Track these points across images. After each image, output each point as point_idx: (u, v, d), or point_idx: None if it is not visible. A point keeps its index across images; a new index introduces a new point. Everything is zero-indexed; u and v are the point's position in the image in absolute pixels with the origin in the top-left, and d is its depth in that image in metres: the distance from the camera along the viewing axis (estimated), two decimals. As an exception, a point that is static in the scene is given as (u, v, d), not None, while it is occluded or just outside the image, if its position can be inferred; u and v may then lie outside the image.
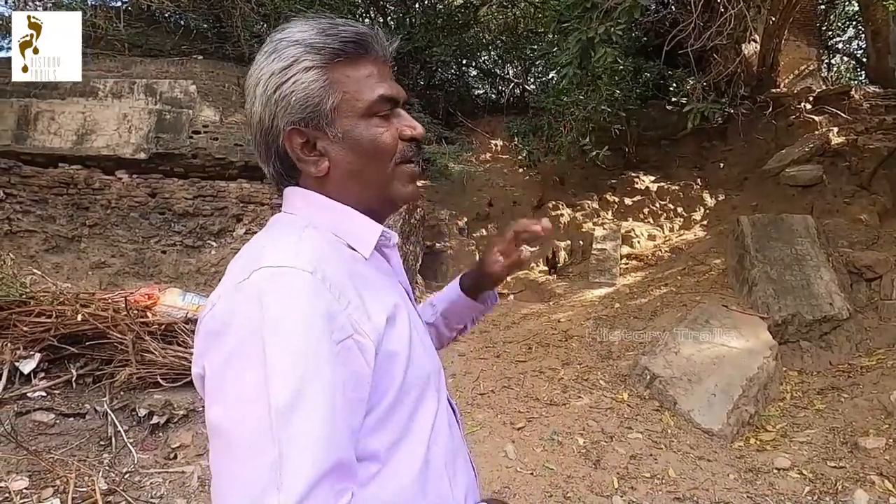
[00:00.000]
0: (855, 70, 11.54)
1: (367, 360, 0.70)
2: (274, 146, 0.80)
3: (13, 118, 6.61)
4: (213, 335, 0.66)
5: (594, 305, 5.52)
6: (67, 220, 6.71)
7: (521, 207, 8.07)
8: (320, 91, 0.77)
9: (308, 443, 0.60)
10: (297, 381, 0.61)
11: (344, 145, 0.79)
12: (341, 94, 0.78)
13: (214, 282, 6.85)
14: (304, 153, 0.79)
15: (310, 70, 0.77)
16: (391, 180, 0.83)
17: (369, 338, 0.70)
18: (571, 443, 3.27)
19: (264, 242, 0.74)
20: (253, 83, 0.80)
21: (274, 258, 0.68)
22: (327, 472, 0.61)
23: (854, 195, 5.89)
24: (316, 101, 0.77)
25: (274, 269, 0.67)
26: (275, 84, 0.77)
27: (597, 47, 4.88)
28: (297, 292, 0.66)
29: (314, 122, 0.78)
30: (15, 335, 3.58)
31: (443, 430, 0.82)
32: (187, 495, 2.86)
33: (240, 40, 7.63)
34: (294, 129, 0.78)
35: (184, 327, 3.99)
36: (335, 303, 0.68)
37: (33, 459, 2.95)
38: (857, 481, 2.84)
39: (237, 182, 7.21)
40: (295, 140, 0.79)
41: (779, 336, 4.16)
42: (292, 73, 0.77)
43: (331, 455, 0.62)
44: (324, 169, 0.80)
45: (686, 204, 7.17)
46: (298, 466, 0.59)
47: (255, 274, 0.67)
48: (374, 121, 0.80)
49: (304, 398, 0.61)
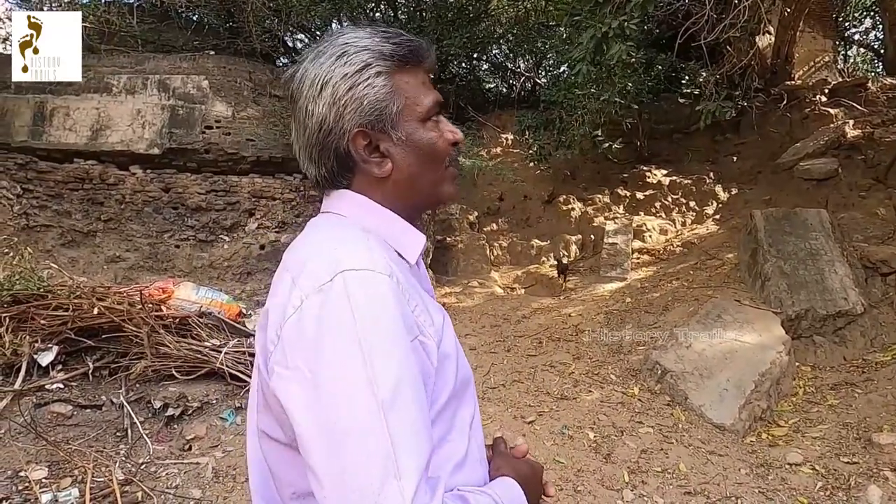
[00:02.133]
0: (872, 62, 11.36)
1: (431, 360, 0.74)
2: (334, 147, 0.82)
3: (29, 114, 6.69)
4: (305, 338, 0.68)
5: (605, 300, 5.50)
6: (83, 215, 6.80)
7: (532, 202, 8.06)
8: (387, 96, 0.81)
9: (413, 434, 0.65)
10: (394, 377, 0.66)
11: (406, 148, 0.83)
12: (404, 99, 0.82)
13: (227, 276, 6.91)
14: (368, 154, 0.82)
15: (380, 76, 0.81)
16: (442, 181, 0.87)
17: (433, 339, 0.75)
18: (582, 437, 3.28)
19: (333, 244, 0.76)
20: (317, 84, 0.81)
21: (353, 261, 0.71)
22: (429, 462, 0.66)
23: (870, 189, 5.82)
24: (384, 106, 0.81)
25: (357, 273, 0.70)
26: (346, 87, 0.80)
27: (611, 42, 4.84)
28: (381, 295, 0.69)
29: (380, 125, 0.81)
30: (33, 328, 3.64)
31: (478, 427, 0.87)
32: (202, 486, 2.90)
33: (251, 36, 7.67)
34: (360, 131, 0.81)
35: (197, 321, 4.04)
36: (406, 305, 0.73)
37: (52, 450, 3.00)
38: (871, 477, 2.82)
39: (249, 177, 7.26)
40: (360, 142, 0.81)
41: (792, 331, 4.13)
42: (364, 77, 0.80)
43: (429, 446, 0.67)
44: (387, 170, 0.83)
45: (698, 198, 7.12)
46: (410, 455, 0.64)
47: (338, 276, 0.69)
48: (429, 125, 0.84)
49: (402, 393, 0.66)
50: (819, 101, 7.19)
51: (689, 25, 5.57)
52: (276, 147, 7.36)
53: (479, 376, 4.04)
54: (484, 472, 0.85)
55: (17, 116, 6.66)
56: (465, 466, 0.80)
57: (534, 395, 3.78)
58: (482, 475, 0.85)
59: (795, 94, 7.19)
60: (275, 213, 7.32)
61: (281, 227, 7.38)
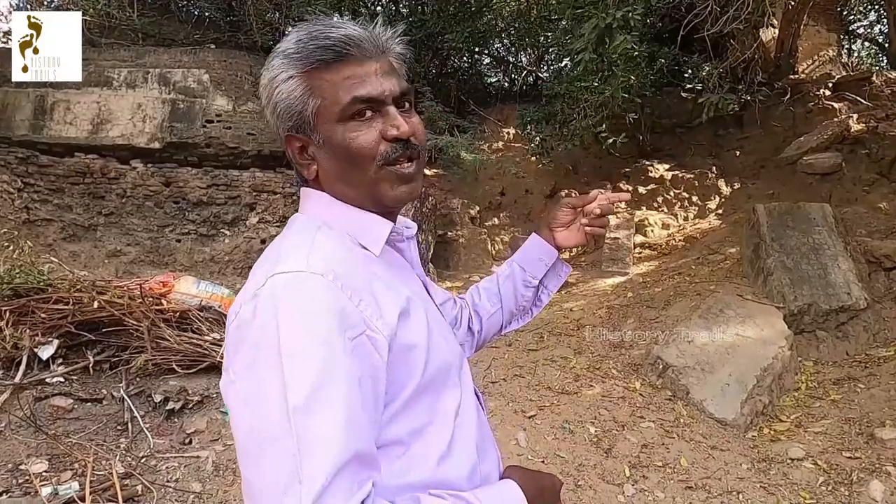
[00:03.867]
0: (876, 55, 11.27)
1: (380, 354, 0.72)
2: (283, 150, 0.85)
3: (30, 108, 6.69)
4: (236, 343, 0.70)
5: (607, 294, 5.49)
6: (84, 209, 6.80)
7: (534, 196, 8.03)
8: (301, 98, 0.79)
9: (325, 437, 0.63)
10: (312, 379, 0.64)
11: (327, 150, 0.80)
12: (320, 99, 0.78)
13: (228, 270, 6.91)
14: (300, 157, 0.83)
15: (289, 79, 0.79)
16: (377, 183, 0.81)
17: (382, 333, 0.72)
18: (583, 431, 3.27)
19: (280, 247, 0.77)
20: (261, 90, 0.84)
21: (287, 264, 0.71)
22: (346, 463, 0.63)
23: (874, 183, 5.78)
24: (298, 109, 0.79)
25: (286, 276, 0.70)
26: (267, 95, 0.82)
27: (613, 34, 4.81)
28: (308, 296, 0.68)
29: (301, 128, 0.80)
30: (34, 322, 3.64)
31: (469, 418, 0.85)
32: (202, 479, 2.90)
33: (252, 29, 7.64)
34: (290, 136, 0.82)
35: (198, 315, 4.03)
36: (347, 301, 0.70)
37: (52, 443, 3.00)
38: (873, 472, 2.81)
39: (250, 171, 7.25)
40: (293, 145, 0.83)
41: (794, 326, 4.11)
42: (276, 83, 0.80)
43: (349, 447, 0.64)
44: (313, 172, 0.83)
45: (701, 192, 7.09)
46: (317, 459, 0.62)
47: (269, 281, 0.69)
48: (350, 125, 0.78)
49: (320, 395, 0.64)
50: (823, 95, 7.14)
51: (692, 18, 5.53)
52: (277, 141, 7.32)
53: (480, 371, 4.03)
54: (476, 462, 0.83)
55: (18, 110, 6.66)
56: (450, 457, 0.79)
57: (534, 390, 3.77)
58: (472, 465, 0.82)
59: (799, 88, 7.14)
60: (276, 208, 7.31)
61: (282, 222, 7.37)
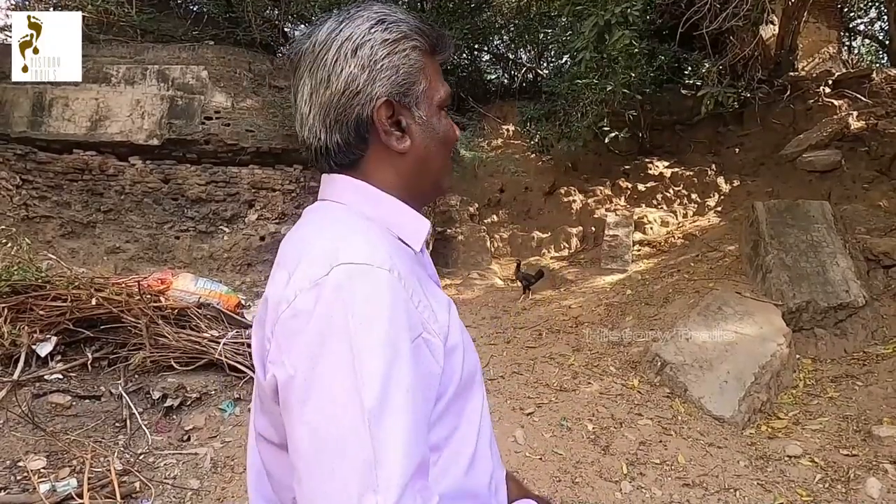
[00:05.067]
0: (876, 52, 11.26)
1: (436, 359, 0.70)
2: (354, 112, 0.76)
3: (28, 105, 6.67)
4: (293, 333, 0.65)
5: (606, 292, 5.49)
6: (82, 206, 6.79)
7: (533, 194, 8.03)
8: (418, 73, 0.79)
9: (398, 443, 0.61)
10: (384, 381, 0.61)
11: (425, 129, 0.80)
12: (428, 82, 0.80)
13: (227, 267, 6.91)
14: (390, 126, 0.78)
15: (416, 50, 0.79)
16: (448, 171, 0.86)
17: (438, 336, 0.71)
18: (581, 428, 3.27)
19: (331, 235, 0.72)
20: (353, 42, 0.76)
21: (350, 254, 0.66)
22: (415, 472, 0.61)
23: (873, 181, 5.78)
24: (413, 81, 0.78)
25: (353, 267, 0.65)
26: (385, 52, 0.76)
27: (613, 30, 4.80)
28: (378, 292, 0.65)
29: (406, 99, 0.78)
30: (32, 319, 3.64)
31: (486, 417, 0.85)
32: (200, 476, 2.90)
33: (251, 26, 7.62)
34: (387, 101, 0.77)
35: (196, 311, 4.03)
36: (409, 301, 0.68)
37: (50, 440, 3.01)
38: (870, 469, 2.81)
39: (249, 168, 7.24)
40: (383, 111, 0.77)
41: (793, 323, 4.11)
42: (403, 47, 0.77)
43: (417, 454, 0.62)
44: (406, 146, 0.79)
45: (700, 190, 7.08)
46: (392, 468, 0.59)
47: (334, 270, 0.64)
48: (443, 114, 0.83)
49: (391, 399, 0.61)
50: (823, 93, 7.13)
51: (691, 15, 5.52)
52: (276, 138, 7.33)
53: (479, 368, 4.02)
54: (492, 466, 0.83)
55: (16, 107, 6.64)
56: (475, 463, 0.78)
57: (533, 387, 3.77)
58: (491, 471, 0.83)
59: (799, 85, 7.13)
60: (275, 205, 7.31)
61: (281, 219, 7.37)
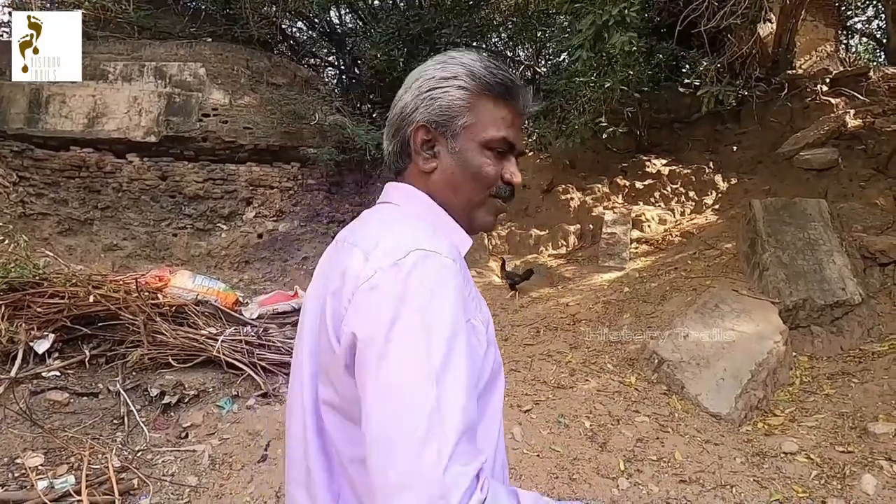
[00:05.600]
0: (874, 51, 11.27)
1: (480, 342, 0.81)
2: (402, 131, 0.94)
3: (25, 101, 6.65)
4: (378, 303, 0.75)
5: (603, 289, 5.50)
6: (80, 203, 6.77)
7: (531, 192, 8.03)
8: (460, 109, 0.91)
9: (455, 402, 0.70)
10: (448, 347, 0.72)
11: (457, 159, 0.92)
12: (475, 119, 0.91)
13: (225, 264, 6.90)
14: (422, 148, 0.93)
15: (460, 89, 0.91)
16: (480, 205, 0.95)
17: (482, 325, 0.84)
18: (578, 426, 3.28)
19: (404, 227, 0.84)
20: (414, 78, 0.95)
21: (425, 243, 0.78)
22: (465, 431, 0.70)
23: (870, 179, 5.79)
24: (452, 114, 0.91)
25: (427, 253, 0.77)
26: (430, 86, 0.92)
27: (611, 30, 4.79)
28: (446, 275, 0.77)
29: (441, 128, 0.91)
30: (29, 316, 3.64)
31: (502, 421, 0.94)
32: (198, 473, 2.91)
33: (249, 22, 7.59)
34: (423, 126, 0.91)
35: (194, 309, 4.03)
36: (465, 289, 0.80)
37: (48, 437, 3.01)
38: (866, 466, 2.83)
39: (247, 165, 7.23)
40: (419, 134, 0.92)
41: (789, 321, 4.12)
42: (448, 85, 0.91)
43: (469, 416, 0.71)
44: (430, 167, 0.93)
45: (698, 188, 7.09)
46: (451, 420, 0.69)
47: (411, 254, 0.76)
48: (486, 153, 0.92)
49: (454, 365, 0.72)
50: (820, 91, 7.14)
51: (689, 12, 5.52)
52: (273, 135, 7.32)
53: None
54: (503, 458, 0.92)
55: (13, 104, 6.62)
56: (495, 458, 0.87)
57: (530, 385, 3.78)
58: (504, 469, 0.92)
59: (797, 84, 7.14)
60: (272, 202, 7.30)
61: (279, 216, 7.37)
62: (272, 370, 3.80)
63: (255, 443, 3.16)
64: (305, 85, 8.19)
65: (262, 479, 2.85)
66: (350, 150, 7.39)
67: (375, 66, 8.51)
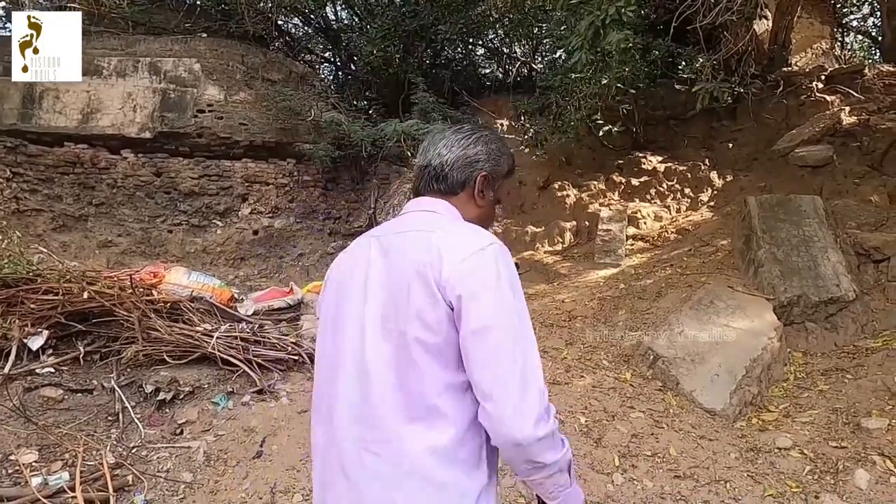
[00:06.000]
0: (869, 48, 11.29)
1: None
2: (468, 170, 1.28)
3: (18, 97, 6.61)
4: (478, 274, 1.06)
5: (599, 286, 5.51)
6: (74, 200, 6.74)
7: (528, 188, 8.02)
8: (502, 172, 1.35)
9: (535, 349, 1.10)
10: (524, 307, 1.10)
11: (488, 203, 1.34)
12: (500, 183, 1.35)
13: (220, 261, 6.88)
14: (482, 188, 1.30)
15: (506, 165, 1.36)
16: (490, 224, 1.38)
17: None
18: (573, 421, 3.29)
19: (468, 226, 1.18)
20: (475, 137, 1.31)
21: (493, 238, 1.12)
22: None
23: (864, 176, 5.81)
24: (498, 174, 1.33)
25: (500, 245, 1.12)
26: (497, 147, 1.33)
27: (608, 30, 4.78)
28: (510, 258, 1.13)
29: (492, 182, 1.32)
30: (23, 312, 3.62)
31: None
32: (193, 469, 2.90)
33: (244, 18, 7.56)
34: (486, 175, 1.30)
35: (189, 305, 4.02)
36: None
37: (42, 434, 3.00)
38: (859, 461, 2.84)
39: (242, 161, 7.21)
40: (482, 179, 1.29)
41: (784, 317, 4.14)
42: (502, 152, 1.34)
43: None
44: (480, 203, 1.31)
45: (693, 185, 7.10)
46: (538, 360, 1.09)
47: (491, 245, 1.10)
48: (495, 206, 1.39)
49: (525, 319, 1.09)
50: (816, 88, 7.15)
51: (684, 9, 5.51)
52: (269, 131, 7.30)
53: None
54: None
55: (7, 99, 6.58)
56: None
57: (526, 381, 3.78)
58: None
59: (792, 81, 7.15)
60: (268, 199, 7.28)
61: (274, 212, 7.35)
62: (267, 367, 3.79)
63: (251, 439, 3.15)
64: (301, 81, 8.16)
65: (258, 476, 2.85)
66: (346, 147, 7.37)
67: (371, 63, 8.49)
